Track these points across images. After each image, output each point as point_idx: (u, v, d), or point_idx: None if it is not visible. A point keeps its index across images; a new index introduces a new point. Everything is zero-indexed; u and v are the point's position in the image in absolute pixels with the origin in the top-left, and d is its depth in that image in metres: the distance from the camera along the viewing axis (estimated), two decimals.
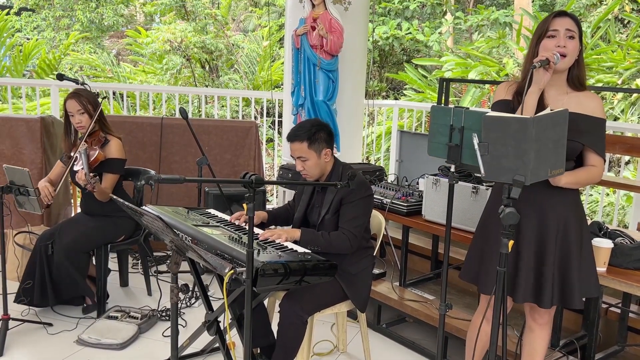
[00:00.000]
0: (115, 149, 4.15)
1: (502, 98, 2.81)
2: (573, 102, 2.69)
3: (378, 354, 3.84)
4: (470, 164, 2.55)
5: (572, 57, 2.66)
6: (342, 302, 3.38)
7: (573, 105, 2.66)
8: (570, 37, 2.64)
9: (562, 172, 2.38)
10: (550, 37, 2.65)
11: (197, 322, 3.57)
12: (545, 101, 2.70)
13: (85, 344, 3.81)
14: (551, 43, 2.64)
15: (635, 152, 4.53)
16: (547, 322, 2.92)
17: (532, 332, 2.95)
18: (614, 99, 9.84)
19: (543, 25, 2.70)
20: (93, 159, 4.00)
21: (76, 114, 4.06)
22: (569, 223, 2.72)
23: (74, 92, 4.11)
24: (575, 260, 2.72)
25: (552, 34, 2.65)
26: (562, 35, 2.63)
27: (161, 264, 5.18)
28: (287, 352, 3.16)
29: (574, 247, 2.73)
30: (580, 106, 2.67)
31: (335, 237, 3.22)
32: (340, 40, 5.06)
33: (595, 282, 2.81)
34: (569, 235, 2.72)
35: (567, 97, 2.72)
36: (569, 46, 2.63)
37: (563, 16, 2.67)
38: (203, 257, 2.77)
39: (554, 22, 2.66)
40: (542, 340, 2.95)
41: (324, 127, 3.31)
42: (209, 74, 14.14)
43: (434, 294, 4.09)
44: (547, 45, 2.64)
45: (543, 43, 2.67)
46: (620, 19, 12.34)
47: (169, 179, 2.46)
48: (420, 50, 14.11)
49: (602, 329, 3.55)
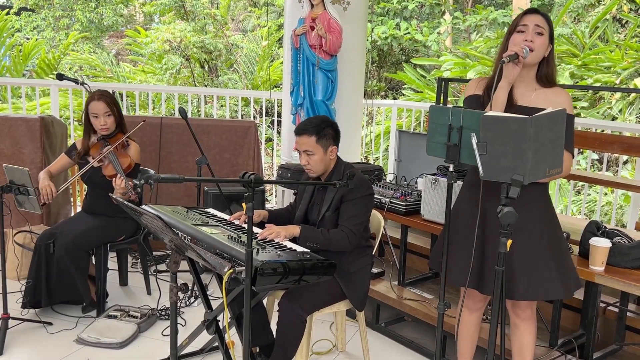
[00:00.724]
0: (134, 153, 4.19)
1: (473, 93, 2.89)
2: (541, 98, 2.76)
3: (377, 353, 3.84)
4: (469, 163, 2.55)
5: (539, 52, 2.72)
6: (341, 301, 3.38)
7: (541, 102, 2.74)
8: (539, 34, 2.71)
9: (559, 171, 2.40)
10: (520, 32, 2.73)
11: (197, 321, 3.57)
12: (514, 97, 2.76)
13: (85, 343, 3.82)
14: (520, 37, 2.71)
15: (633, 151, 4.54)
16: (529, 316, 2.95)
17: (517, 328, 2.98)
18: (612, 99, 9.85)
19: (515, 21, 2.78)
20: (126, 166, 4.03)
21: (102, 116, 4.07)
22: (535, 218, 2.76)
23: (100, 94, 4.11)
24: (544, 252, 2.76)
25: (522, 29, 2.73)
26: (530, 30, 2.70)
27: (160, 263, 5.19)
28: (286, 351, 3.17)
29: (542, 243, 2.76)
30: (548, 102, 2.72)
31: (334, 234, 3.23)
32: (339, 40, 5.06)
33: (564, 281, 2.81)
34: (534, 231, 2.75)
35: (535, 93, 2.78)
36: (537, 41, 2.70)
37: (534, 13, 2.75)
38: (202, 257, 2.78)
39: (525, 18, 2.74)
40: (529, 335, 2.97)
41: (332, 124, 3.34)
42: (208, 74, 14.14)
43: (433, 293, 4.11)
44: (516, 40, 2.72)
45: (512, 37, 2.74)
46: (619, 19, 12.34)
47: (168, 178, 2.47)
48: (418, 50, 14.12)
49: (600, 328, 3.57)
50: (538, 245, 2.76)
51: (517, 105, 2.74)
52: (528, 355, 2.99)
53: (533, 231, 2.75)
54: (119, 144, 4.09)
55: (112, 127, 4.13)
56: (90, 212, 4.25)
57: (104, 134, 4.13)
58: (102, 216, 4.18)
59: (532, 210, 2.74)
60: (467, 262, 2.69)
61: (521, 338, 2.98)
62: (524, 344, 2.98)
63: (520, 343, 2.99)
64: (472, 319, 3.10)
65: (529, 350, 2.99)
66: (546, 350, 3.41)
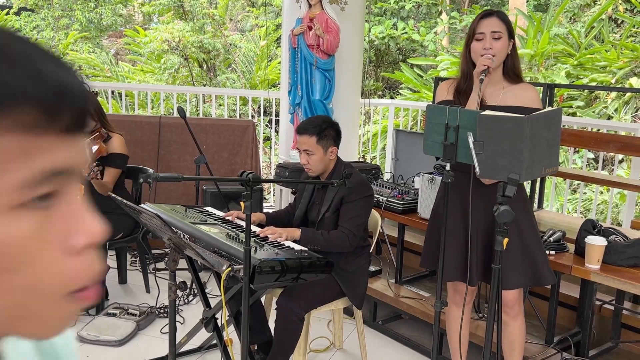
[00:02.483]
0: (118, 145, 4.21)
1: (445, 98, 2.95)
2: (509, 95, 2.81)
3: (374, 351, 3.87)
4: (466, 162, 2.57)
5: (501, 55, 2.77)
6: (339, 299, 3.40)
7: (510, 99, 2.79)
8: (497, 38, 2.75)
9: (555, 170, 2.42)
10: (477, 40, 2.78)
11: (195, 319, 3.59)
12: (483, 97, 2.80)
13: (84, 340, 3.83)
14: (479, 45, 2.76)
15: (629, 150, 4.56)
16: (518, 312, 2.97)
17: (507, 325, 2.99)
18: (608, 98, 9.89)
19: (471, 28, 2.83)
20: (95, 151, 4.06)
21: None
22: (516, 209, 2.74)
23: None
24: (532, 239, 2.85)
25: (479, 37, 2.77)
26: (488, 37, 2.75)
27: (159, 262, 5.20)
28: (284, 349, 3.18)
29: (527, 229, 2.84)
30: (516, 98, 2.78)
31: (334, 235, 3.24)
32: (337, 40, 5.08)
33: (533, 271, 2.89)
34: (518, 220, 2.76)
35: (503, 91, 2.83)
36: (496, 47, 2.75)
37: (488, 17, 2.79)
38: (201, 255, 2.80)
39: (480, 25, 2.79)
40: (519, 331, 3.00)
41: (333, 125, 3.36)
42: (207, 73, 14.15)
43: (430, 291, 4.12)
44: (476, 48, 2.77)
45: (472, 46, 2.80)
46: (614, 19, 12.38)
47: (167, 177, 2.49)
48: (415, 50, 14.14)
49: (596, 325, 3.59)
50: (523, 236, 2.83)
51: (487, 105, 2.79)
52: (518, 351, 3.02)
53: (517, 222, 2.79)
54: (96, 136, 4.13)
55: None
56: None
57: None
58: (99, 213, 4.19)
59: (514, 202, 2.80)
60: (455, 258, 2.78)
61: (511, 335, 3.00)
62: (515, 340, 3.01)
63: (510, 340, 3.01)
64: (460, 314, 3.11)
65: (519, 346, 3.01)
66: (542, 348, 3.43)
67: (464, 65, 2.84)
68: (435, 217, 3.06)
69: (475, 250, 2.85)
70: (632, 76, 9.76)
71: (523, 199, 2.92)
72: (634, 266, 3.09)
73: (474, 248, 2.84)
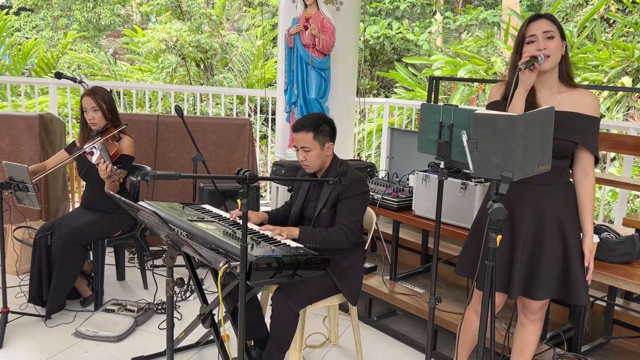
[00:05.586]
0: (127, 146, 4.24)
1: (494, 99, 2.83)
2: (566, 101, 2.69)
3: (369, 346, 3.89)
4: (459, 160, 2.57)
5: (556, 56, 2.66)
6: (334, 295, 3.42)
7: (566, 104, 2.67)
8: (550, 38, 2.64)
9: (547, 168, 2.38)
10: (530, 42, 2.66)
11: (192, 315, 3.62)
12: (537, 102, 2.69)
13: (83, 336, 3.86)
14: (532, 47, 2.63)
15: (620, 148, 4.59)
16: (539, 318, 2.94)
17: (524, 327, 2.97)
18: (600, 97, 9.91)
19: (520, 32, 2.71)
20: (113, 153, 4.09)
21: (90, 111, 4.14)
22: (565, 219, 2.73)
23: (90, 90, 4.20)
24: (576, 254, 2.73)
25: (531, 39, 2.65)
26: (540, 38, 2.63)
27: (157, 258, 5.23)
28: (279, 344, 3.20)
29: (572, 243, 2.73)
30: (574, 105, 2.67)
31: (332, 232, 3.26)
32: (332, 40, 5.12)
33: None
34: (565, 231, 2.72)
35: (560, 96, 2.71)
36: (550, 46, 2.63)
37: (538, 19, 2.67)
38: (198, 252, 2.80)
39: (530, 28, 2.66)
40: (534, 335, 2.96)
41: (328, 121, 3.39)
42: (204, 73, 14.16)
43: (424, 287, 4.15)
44: (529, 50, 2.63)
45: (525, 49, 2.66)
46: (606, 19, 12.44)
47: (165, 175, 2.51)
48: (410, 49, 14.16)
49: (588, 321, 3.60)
50: (568, 249, 2.74)
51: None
52: (529, 354, 2.99)
53: (563, 231, 2.74)
54: (109, 137, 4.15)
55: (101, 122, 4.17)
56: (88, 208, 4.30)
57: (93, 129, 4.19)
58: (99, 211, 4.23)
59: (567, 213, 2.74)
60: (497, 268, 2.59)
61: (525, 337, 2.96)
62: (527, 344, 2.97)
63: (523, 342, 2.98)
64: (478, 324, 3.08)
65: (531, 349, 2.98)
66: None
67: (512, 72, 2.68)
68: (478, 223, 2.95)
69: (520, 261, 2.75)
70: (624, 75, 9.80)
71: (573, 203, 2.78)
72: (625, 263, 3.11)
73: (518, 258, 2.76)
